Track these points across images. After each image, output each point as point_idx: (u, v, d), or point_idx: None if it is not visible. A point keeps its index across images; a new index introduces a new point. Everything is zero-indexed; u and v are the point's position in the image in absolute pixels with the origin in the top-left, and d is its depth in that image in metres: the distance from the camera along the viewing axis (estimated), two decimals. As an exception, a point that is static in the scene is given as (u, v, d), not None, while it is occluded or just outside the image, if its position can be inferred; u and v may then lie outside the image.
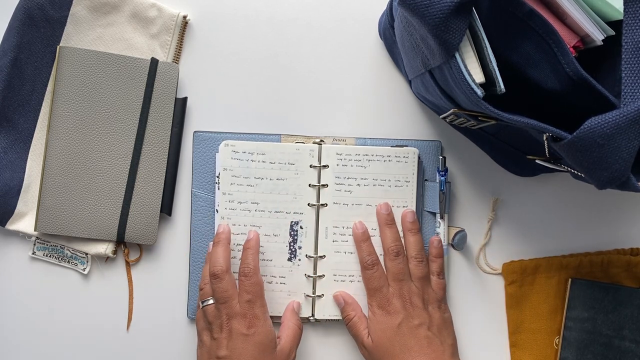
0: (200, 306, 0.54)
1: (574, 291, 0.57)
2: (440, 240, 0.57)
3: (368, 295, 0.56)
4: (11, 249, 0.60)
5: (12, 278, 0.60)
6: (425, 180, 0.59)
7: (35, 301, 0.60)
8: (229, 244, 0.55)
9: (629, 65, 0.37)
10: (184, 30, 0.60)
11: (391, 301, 0.54)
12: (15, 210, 0.58)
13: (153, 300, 0.60)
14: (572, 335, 0.57)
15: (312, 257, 0.58)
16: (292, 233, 0.58)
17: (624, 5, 0.38)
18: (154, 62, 0.58)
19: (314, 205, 0.58)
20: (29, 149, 0.59)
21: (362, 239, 0.57)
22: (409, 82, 0.59)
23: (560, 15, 0.45)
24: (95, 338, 0.60)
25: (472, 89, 0.39)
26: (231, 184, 0.58)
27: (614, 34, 0.45)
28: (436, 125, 0.60)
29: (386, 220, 0.57)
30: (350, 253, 0.58)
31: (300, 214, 0.58)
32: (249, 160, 0.57)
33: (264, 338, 0.51)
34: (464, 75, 0.39)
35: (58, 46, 0.57)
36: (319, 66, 0.60)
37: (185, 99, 0.59)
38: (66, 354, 0.60)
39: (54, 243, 0.59)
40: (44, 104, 0.59)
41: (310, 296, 0.58)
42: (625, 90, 0.37)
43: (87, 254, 0.59)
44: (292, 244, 0.58)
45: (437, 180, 0.57)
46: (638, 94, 0.37)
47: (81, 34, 0.59)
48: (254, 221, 0.58)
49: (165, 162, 0.59)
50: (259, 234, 0.56)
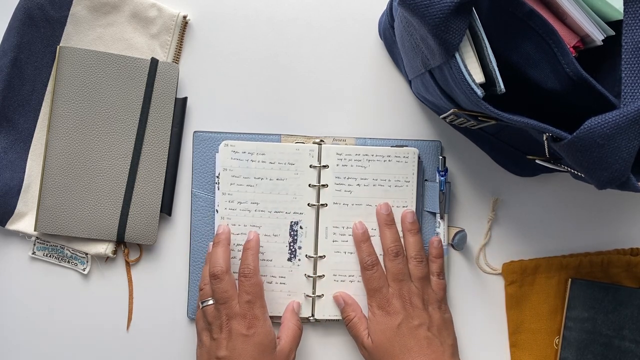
0: (200, 306, 0.54)
1: (574, 291, 0.57)
2: (441, 240, 0.57)
3: (368, 296, 0.56)
4: (11, 249, 0.60)
5: (12, 278, 0.60)
6: (425, 180, 0.59)
7: (35, 301, 0.60)
8: (229, 245, 0.55)
9: (629, 65, 0.37)
10: (184, 30, 0.60)
11: (391, 302, 0.54)
12: (15, 210, 0.58)
13: (153, 300, 0.60)
14: (572, 335, 0.57)
15: (312, 257, 0.58)
16: (292, 233, 0.58)
17: (624, 5, 0.38)
18: (154, 62, 0.58)
19: (314, 205, 0.58)
20: (29, 149, 0.59)
21: (362, 240, 0.57)
22: (409, 82, 0.59)
23: (560, 15, 0.45)
24: (95, 338, 0.60)
25: (472, 89, 0.39)
26: (231, 184, 0.58)
27: (614, 34, 0.45)
28: (436, 125, 0.60)
29: (386, 220, 0.57)
30: (350, 253, 0.58)
31: (300, 214, 0.58)
32: (248, 161, 0.57)
33: (263, 338, 0.51)
34: (464, 75, 0.39)
35: (58, 46, 0.57)
36: (319, 66, 0.60)
37: (185, 99, 0.59)
38: (66, 354, 0.60)
39: (54, 243, 0.59)
40: (44, 104, 0.59)
41: (310, 296, 0.58)
42: (625, 90, 0.37)
43: (87, 254, 0.59)
44: (292, 244, 0.58)
45: (437, 180, 0.57)
46: (638, 94, 0.37)
47: (81, 34, 0.59)
48: (253, 221, 0.58)
49: (165, 162, 0.59)
50: (259, 235, 0.56)
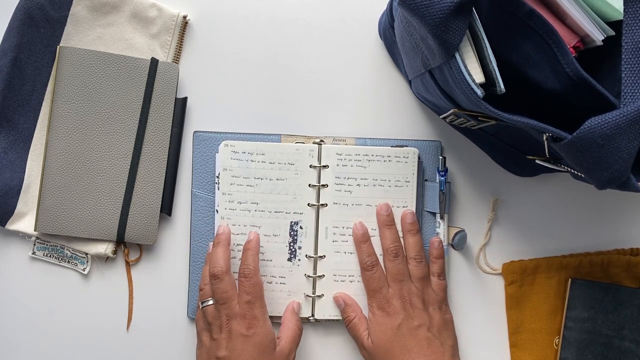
0: (200, 307, 0.54)
1: (574, 291, 0.57)
2: (441, 241, 0.57)
3: (368, 297, 0.56)
4: (11, 249, 0.60)
5: (12, 278, 0.60)
6: (425, 180, 0.59)
7: (35, 301, 0.60)
8: (229, 245, 0.55)
9: (629, 65, 0.37)
10: (184, 30, 0.60)
11: (391, 302, 0.54)
12: (15, 210, 0.58)
13: (153, 300, 0.60)
14: (572, 335, 0.57)
15: (312, 257, 0.58)
16: (292, 233, 0.58)
17: (624, 5, 0.38)
18: (154, 62, 0.58)
19: (314, 205, 0.58)
20: (29, 149, 0.59)
21: (362, 240, 0.57)
22: (409, 82, 0.59)
23: (560, 15, 0.45)
24: (95, 338, 0.60)
25: (472, 89, 0.39)
26: (231, 184, 0.58)
27: (614, 34, 0.45)
28: (436, 125, 0.60)
29: (386, 221, 0.57)
30: (350, 253, 0.58)
31: (300, 214, 0.58)
32: (248, 161, 0.57)
33: (263, 339, 0.51)
34: (464, 75, 0.39)
35: (58, 46, 0.57)
36: (319, 66, 0.60)
37: (185, 99, 0.59)
38: (66, 354, 0.60)
39: (54, 243, 0.59)
40: (44, 104, 0.59)
41: (310, 296, 0.58)
42: (625, 90, 0.37)
43: (87, 254, 0.59)
44: (292, 244, 0.58)
45: (437, 180, 0.57)
46: (638, 94, 0.37)
47: (81, 34, 0.59)
48: (253, 221, 0.58)
49: (165, 162, 0.58)
50: (259, 235, 0.56)
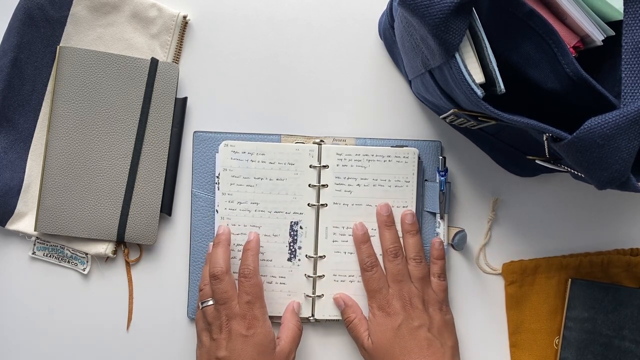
0: (200, 307, 0.54)
1: (574, 291, 0.57)
2: (442, 242, 0.57)
3: (368, 297, 0.56)
4: (11, 249, 0.60)
5: (12, 278, 0.60)
6: (425, 180, 0.59)
7: (35, 301, 0.60)
8: (229, 245, 0.55)
9: (629, 65, 0.37)
10: (184, 30, 0.60)
11: (391, 302, 0.54)
12: (15, 210, 0.58)
13: (153, 300, 0.60)
14: (572, 336, 0.57)
15: (312, 257, 0.58)
16: (292, 233, 0.58)
17: (624, 5, 0.38)
18: (154, 62, 0.58)
19: (314, 205, 0.58)
20: (29, 149, 0.59)
21: (362, 241, 0.57)
22: (409, 82, 0.59)
23: (560, 15, 0.45)
24: (95, 338, 0.60)
25: (472, 89, 0.39)
26: (231, 184, 0.58)
27: (614, 34, 0.45)
28: (436, 125, 0.60)
29: (385, 221, 0.57)
30: (350, 253, 0.58)
31: (300, 214, 0.58)
32: (248, 161, 0.57)
33: (263, 339, 0.51)
34: (464, 76, 0.39)
35: (58, 46, 0.57)
36: (319, 66, 0.60)
37: (185, 99, 0.59)
38: (66, 354, 0.60)
39: (54, 243, 0.59)
40: (44, 104, 0.59)
41: (310, 296, 0.58)
42: (625, 91, 0.37)
43: (87, 254, 0.59)
44: (292, 244, 0.58)
45: (437, 181, 0.57)
46: (638, 94, 0.37)
47: (81, 34, 0.59)
48: (253, 221, 0.58)
49: (165, 162, 0.58)
50: (259, 235, 0.56)
